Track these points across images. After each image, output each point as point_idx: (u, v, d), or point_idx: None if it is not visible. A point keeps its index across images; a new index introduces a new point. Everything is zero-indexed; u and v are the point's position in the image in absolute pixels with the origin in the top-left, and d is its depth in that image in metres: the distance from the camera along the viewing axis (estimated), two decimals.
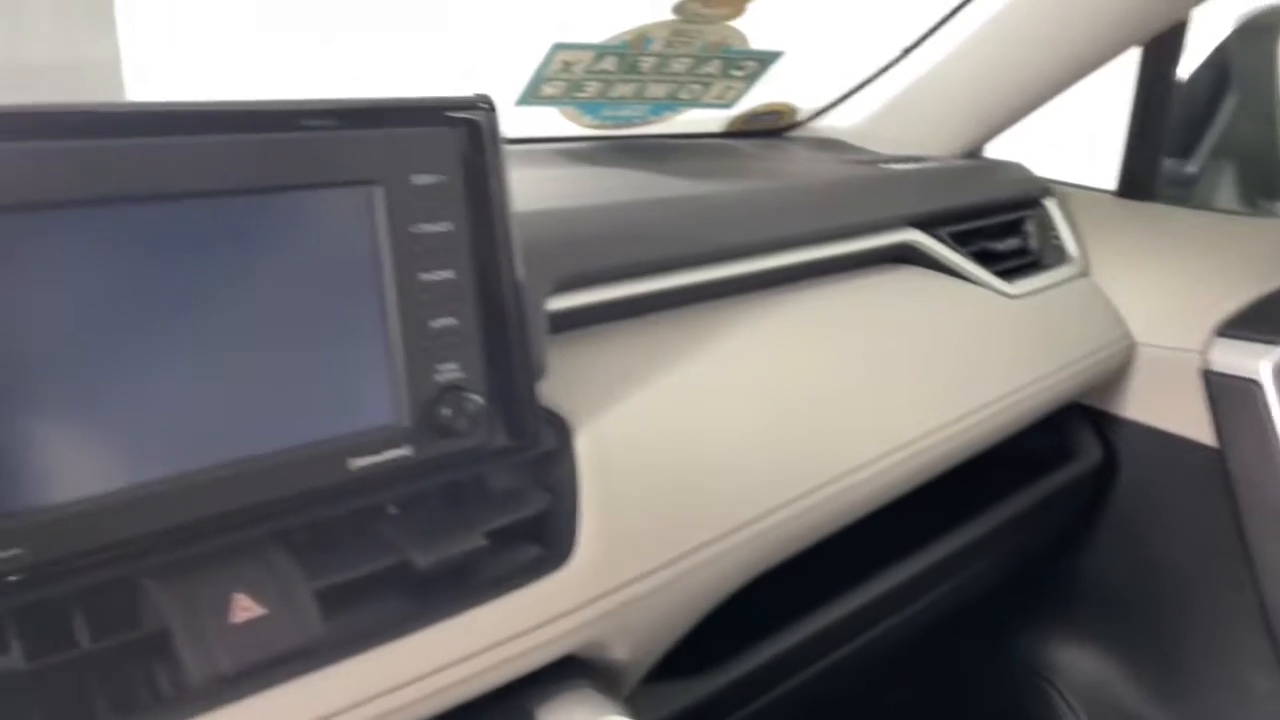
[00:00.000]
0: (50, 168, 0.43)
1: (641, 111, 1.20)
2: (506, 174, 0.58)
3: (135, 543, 0.46)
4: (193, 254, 0.47)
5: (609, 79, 1.11)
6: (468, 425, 0.54)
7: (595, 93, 1.13)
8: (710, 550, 0.65)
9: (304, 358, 0.51)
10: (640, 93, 1.15)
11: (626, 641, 0.61)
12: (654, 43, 1.08)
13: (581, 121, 1.18)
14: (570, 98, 1.12)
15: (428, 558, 0.54)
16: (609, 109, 1.17)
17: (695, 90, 1.19)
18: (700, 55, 1.12)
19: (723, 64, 1.15)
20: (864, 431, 0.79)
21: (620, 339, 0.72)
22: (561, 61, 1.06)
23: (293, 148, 0.50)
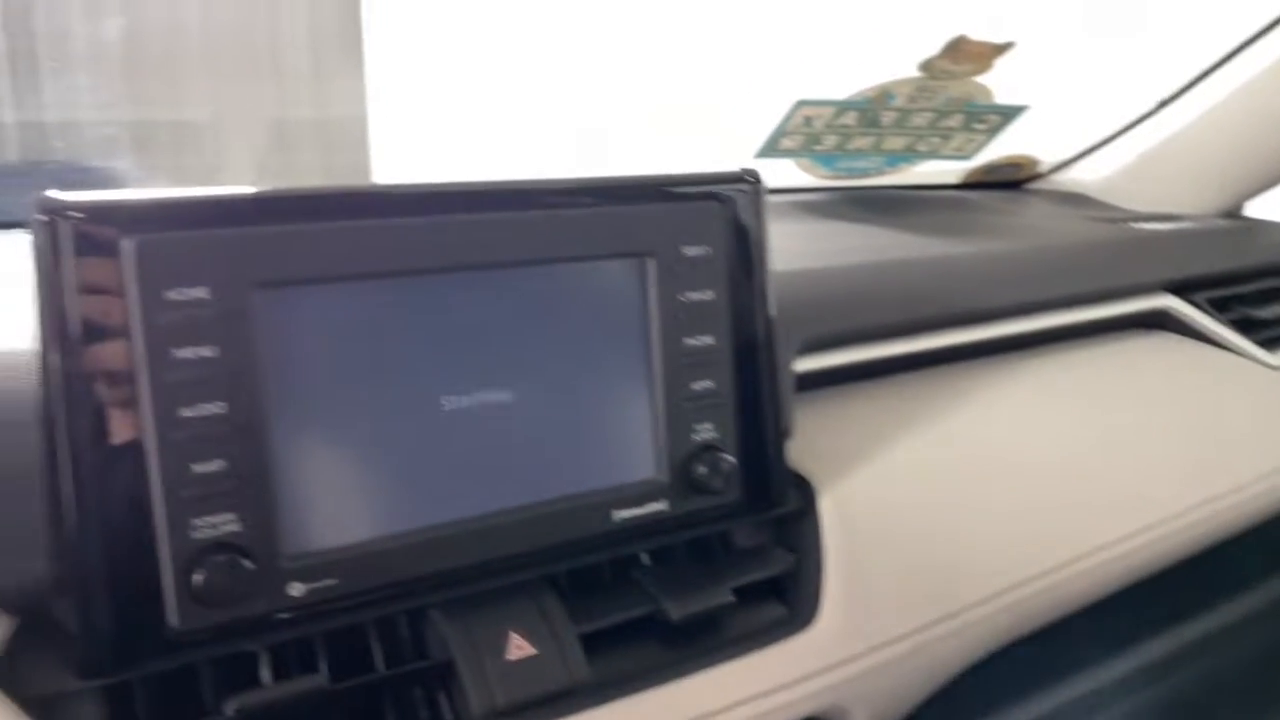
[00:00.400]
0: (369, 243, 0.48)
1: (877, 163, 1.21)
2: (769, 246, 0.60)
3: (426, 579, 0.50)
4: (483, 318, 0.52)
5: (848, 132, 1.12)
6: (722, 484, 0.57)
7: (833, 145, 1.14)
8: (953, 623, 0.65)
9: (578, 414, 0.54)
10: (878, 145, 1.16)
11: (865, 708, 0.61)
12: (897, 98, 1.08)
13: (816, 172, 1.19)
14: (808, 150, 1.14)
15: (681, 610, 0.57)
16: (845, 160, 1.18)
17: (934, 143, 1.18)
18: (943, 109, 1.11)
19: (965, 117, 1.14)
20: (1114, 507, 0.76)
21: (864, 401, 0.73)
22: (803, 116, 1.08)
23: (579, 223, 0.54)
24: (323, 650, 0.50)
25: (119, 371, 0.43)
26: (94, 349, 0.43)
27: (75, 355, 0.42)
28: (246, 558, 0.45)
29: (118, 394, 0.43)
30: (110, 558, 0.43)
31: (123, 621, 0.44)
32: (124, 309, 0.43)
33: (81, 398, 0.42)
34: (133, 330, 0.43)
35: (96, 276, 0.42)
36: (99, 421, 0.43)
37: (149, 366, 0.43)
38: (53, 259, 0.42)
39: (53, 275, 0.42)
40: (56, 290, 0.42)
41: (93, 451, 0.43)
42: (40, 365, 0.43)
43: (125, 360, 0.43)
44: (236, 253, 0.45)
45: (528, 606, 0.54)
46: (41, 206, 0.42)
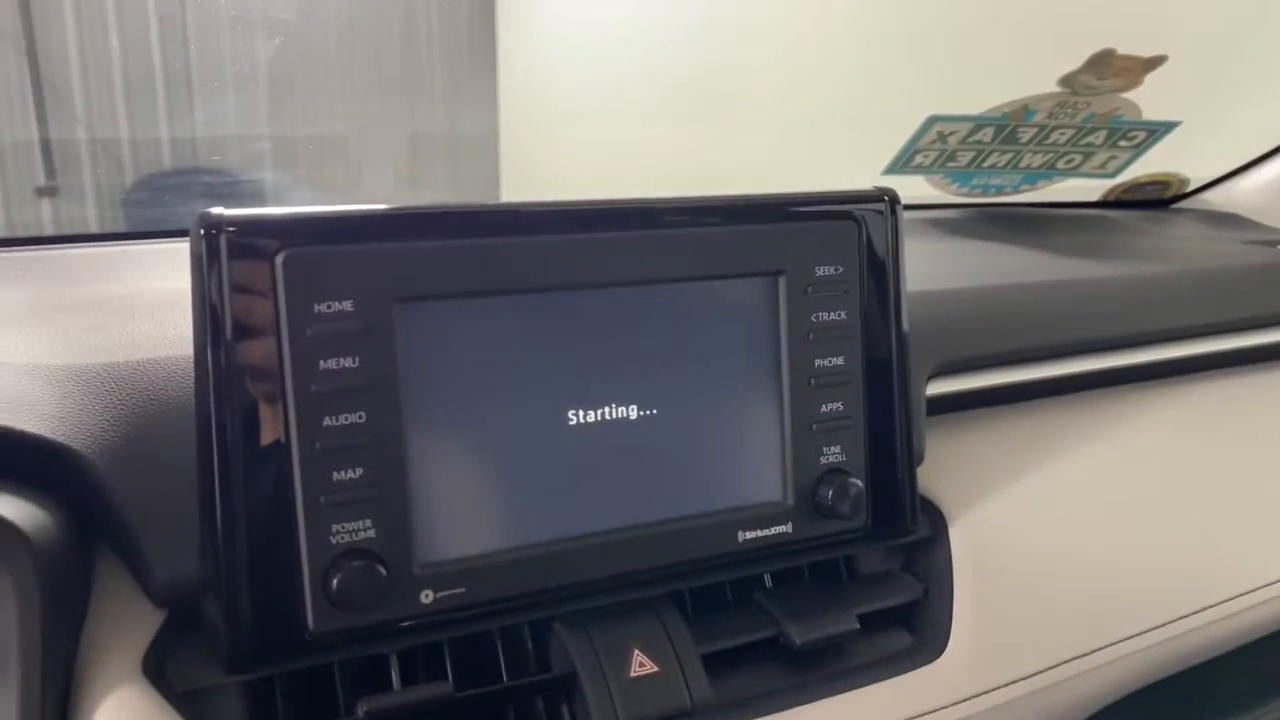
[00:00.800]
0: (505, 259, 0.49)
1: (1014, 181, 1.17)
2: (904, 267, 0.59)
3: (552, 592, 0.51)
4: (614, 335, 0.52)
5: (984, 149, 1.10)
6: (849, 509, 0.56)
7: (967, 162, 1.12)
8: (1087, 662, 0.63)
9: (705, 433, 0.54)
10: (1015, 162, 1.13)
11: None
12: (1036, 114, 1.05)
13: (949, 190, 1.17)
14: (941, 166, 1.11)
15: (805, 635, 0.56)
16: (980, 178, 1.15)
17: (1074, 160, 1.14)
18: (1085, 126, 1.08)
19: (1109, 133, 1.10)
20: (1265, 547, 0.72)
21: (998, 427, 0.71)
22: (936, 133, 1.05)
23: (711, 241, 0.54)
24: (449, 659, 0.51)
25: (268, 380, 0.45)
26: (245, 357, 0.44)
27: (227, 362, 0.44)
28: (381, 564, 0.46)
29: (266, 401, 0.45)
30: (255, 558, 0.45)
31: (265, 620, 0.45)
32: (274, 319, 0.45)
33: (232, 403, 0.44)
34: (282, 340, 0.45)
35: (249, 287, 0.44)
36: (248, 426, 0.45)
37: (295, 375, 0.45)
38: (210, 270, 0.44)
39: (209, 285, 0.44)
40: (212, 299, 0.44)
41: (241, 455, 0.44)
42: (196, 371, 0.45)
43: (274, 369, 0.45)
44: (380, 267, 0.46)
45: (651, 624, 0.54)
46: (201, 221, 0.44)
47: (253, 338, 0.45)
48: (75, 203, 2.15)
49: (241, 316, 0.44)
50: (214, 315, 0.44)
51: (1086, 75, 1.00)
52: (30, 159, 2.07)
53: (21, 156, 2.03)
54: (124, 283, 0.69)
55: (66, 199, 2.03)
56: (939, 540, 0.62)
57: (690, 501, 0.54)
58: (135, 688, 0.45)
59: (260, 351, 0.45)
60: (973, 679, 0.58)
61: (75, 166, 1.92)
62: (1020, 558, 0.63)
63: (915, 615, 0.61)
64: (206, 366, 0.44)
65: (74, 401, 0.48)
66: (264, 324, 0.45)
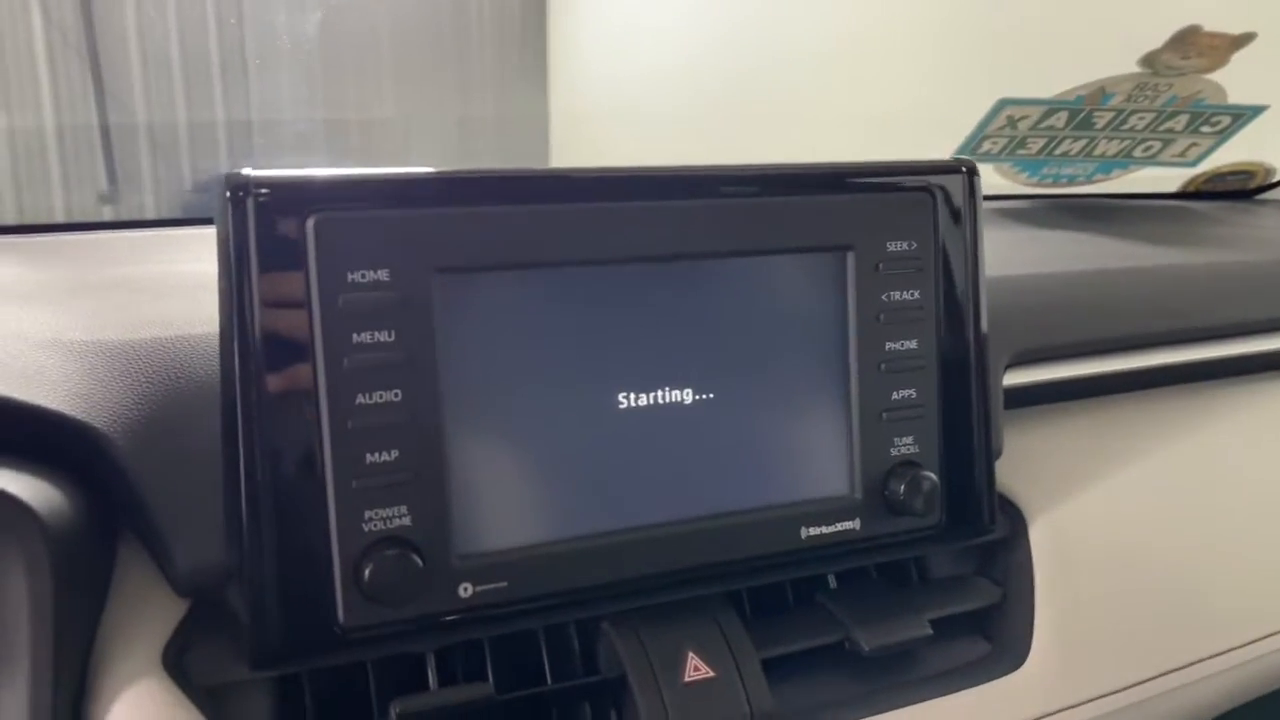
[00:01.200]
0: (554, 229, 0.46)
1: (1087, 170, 1.12)
2: (983, 245, 0.54)
3: (600, 589, 0.47)
4: (669, 313, 0.48)
5: (1056, 135, 1.04)
6: (921, 504, 0.51)
7: (1038, 149, 1.06)
8: (1182, 677, 0.58)
9: (766, 420, 0.50)
10: (1089, 149, 1.07)
11: None
12: (1113, 97, 1.00)
13: (1018, 179, 1.11)
14: (1010, 154, 1.06)
15: (873, 640, 0.52)
16: (1051, 166, 1.10)
17: (1153, 147, 1.08)
18: (1166, 110, 1.02)
19: (1190, 118, 1.04)
20: None
21: (1082, 421, 0.66)
22: (1006, 117, 1.00)
23: (774, 213, 0.49)
24: (489, 658, 0.48)
25: (298, 353, 0.42)
26: (273, 328, 0.41)
27: (254, 334, 0.41)
28: (416, 554, 0.43)
29: (295, 376, 0.42)
30: (283, 546, 0.42)
31: (293, 613, 0.42)
32: (305, 288, 0.41)
33: (258, 378, 0.41)
34: (312, 310, 0.42)
35: (279, 253, 0.41)
36: (275, 403, 0.41)
37: (327, 349, 0.42)
38: (236, 234, 0.41)
39: (236, 250, 0.41)
40: (239, 266, 0.41)
41: (268, 433, 0.41)
42: (221, 343, 0.42)
43: (304, 341, 0.42)
44: (419, 235, 0.43)
45: (707, 625, 0.50)
46: (228, 182, 0.41)
47: (281, 307, 0.41)
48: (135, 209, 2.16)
49: (270, 285, 0.41)
50: (240, 283, 0.41)
51: (1169, 54, 0.95)
52: (93, 165, 2.08)
53: (84, 164, 2.04)
54: (162, 265, 0.66)
55: (127, 204, 2.04)
56: (1018, 541, 0.58)
57: (749, 494, 0.50)
58: (154, 681, 0.42)
59: (289, 322, 0.41)
60: (1056, 692, 0.53)
61: (135, 173, 1.92)
62: (1107, 562, 0.59)
63: (992, 621, 0.57)
64: (232, 339, 0.41)
65: (97, 378, 0.45)
66: (294, 293, 0.41)
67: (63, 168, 1.51)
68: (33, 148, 1.59)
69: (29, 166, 1.50)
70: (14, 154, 1.46)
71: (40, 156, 1.57)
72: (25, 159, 1.54)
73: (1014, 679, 0.53)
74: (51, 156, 1.61)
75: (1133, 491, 0.63)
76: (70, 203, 1.82)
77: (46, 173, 1.53)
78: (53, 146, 1.56)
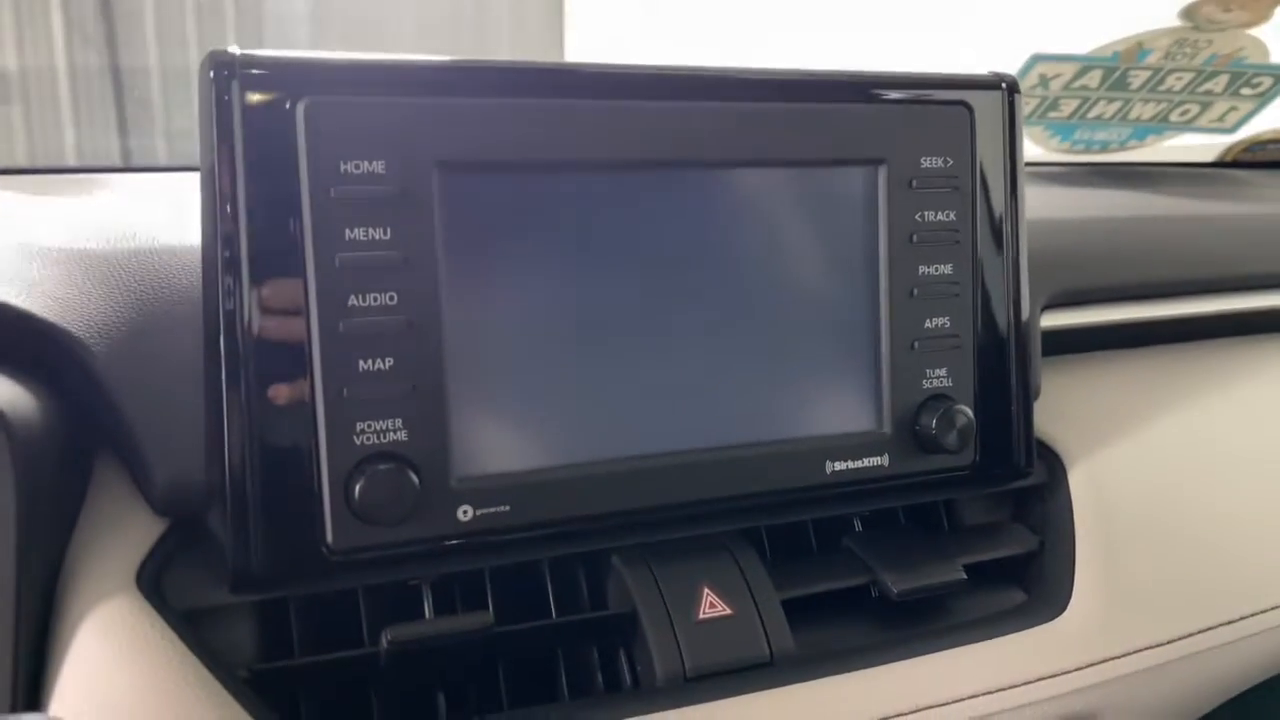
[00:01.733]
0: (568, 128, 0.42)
1: (1121, 135, 1.08)
2: (1022, 165, 0.51)
3: (610, 518, 0.44)
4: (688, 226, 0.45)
5: (1089, 95, 1.00)
6: (955, 441, 0.48)
7: (1070, 112, 1.02)
8: (1232, 631, 0.54)
9: (793, 346, 0.47)
10: (1124, 112, 1.03)
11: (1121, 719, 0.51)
12: (1151, 53, 0.96)
13: (1049, 145, 1.07)
14: (1042, 116, 1.02)
15: (903, 584, 0.48)
16: (1084, 130, 1.06)
17: (1190, 111, 1.04)
18: (1205, 70, 0.98)
19: (1229, 79, 1.00)
20: None
21: (1120, 369, 0.62)
22: (1039, 75, 0.96)
23: (800, 120, 0.46)
24: (491, 588, 0.45)
25: (285, 248, 0.38)
26: (259, 220, 0.38)
27: (238, 227, 0.38)
28: (412, 471, 0.40)
29: (282, 273, 0.38)
30: (267, 460, 0.39)
31: (277, 532, 0.39)
32: (294, 178, 0.38)
33: (242, 275, 0.38)
34: (302, 202, 0.38)
35: (266, 139, 0.38)
36: (260, 303, 0.38)
37: (317, 244, 0.39)
38: (220, 118, 0.38)
39: (219, 136, 0.38)
40: (223, 153, 0.38)
41: (252, 337, 0.38)
42: (202, 237, 0.39)
43: (293, 235, 0.38)
44: (419, 125, 0.40)
45: (724, 561, 0.47)
46: (213, 60, 0.38)
47: (269, 199, 0.38)
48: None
49: (256, 173, 0.38)
50: (224, 172, 0.38)
51: (1211, 6, 0.91)
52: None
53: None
54: (162, 200, 0.63)
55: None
56: (1056, 487, 0.54)
57: (771, 425, 0.47)
58: (126, 600, 0.39)
59: (277, 215, 0.38)
60: (1097, 643, 0.50)
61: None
62: (1152, 510, 0.55)
63: (1029, 570, 0.53)
64: (214, 231, 0.38)
65: (74, 284, 0.42)
66: (282, 183, 0.38)
67: (75, 111, 1.49)
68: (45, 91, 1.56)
69: (41, 111, 1.48)
70: (26, 98, 1.44)
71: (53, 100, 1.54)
72: (38, 103, 1.51)
73: (1052, 628, 0.49)
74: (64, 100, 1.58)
75: (1176, 443, 0.59)
76: (82, 147, 1.79)
77: (58, 117, 1.51)
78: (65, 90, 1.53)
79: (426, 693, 0.44)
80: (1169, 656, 0.52)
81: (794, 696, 0.43)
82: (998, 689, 0.46)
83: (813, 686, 0.44)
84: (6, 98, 1.55)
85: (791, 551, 0.51)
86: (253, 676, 0.40)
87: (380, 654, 0.41)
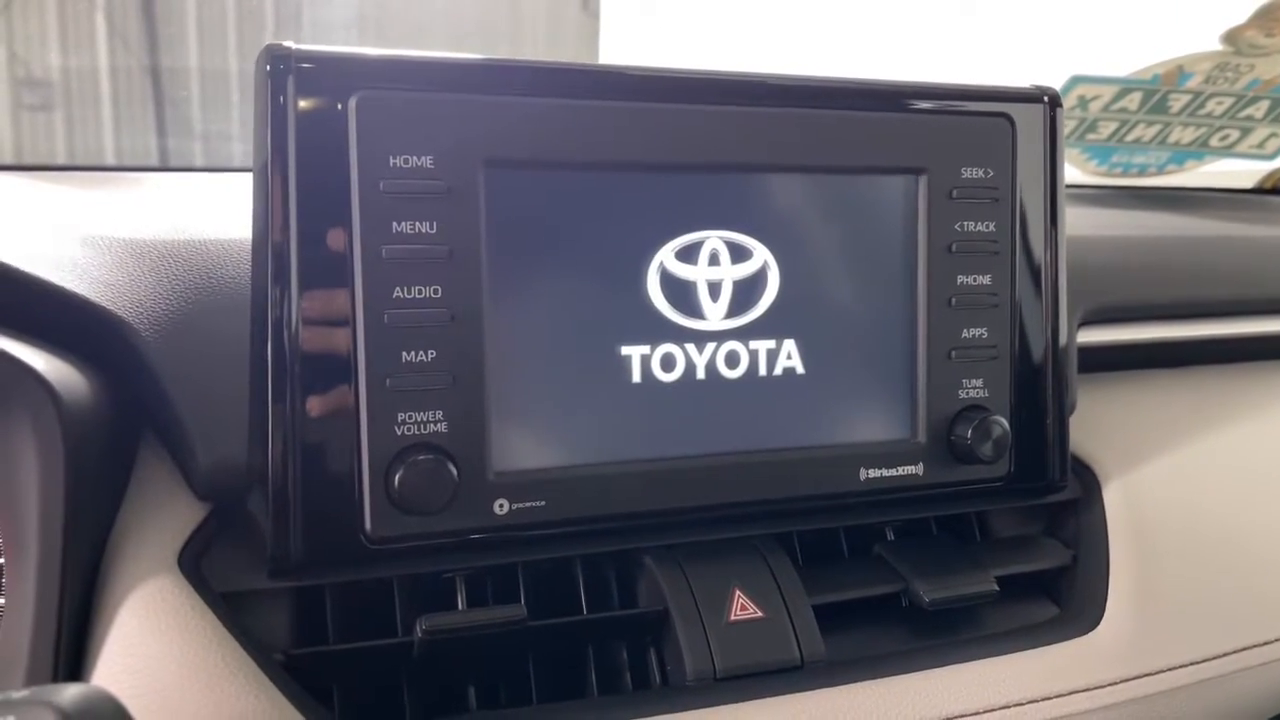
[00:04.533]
0: (617, 128, 0.43)
1: (1160, 159, 1.07)
2: (1062, 179, 0.51)
3: (644, 518, 0.44)
4: (734, 231, 0.45)
5: (1129, 118, 1.00)
6: (991, 451, 0.48)
7: (1109, 135, 1.02)
8: (1269, 651, 0.53)
9: (829, 353, 0.47)
10: (1162, 136, 1.03)
11: None
12: (1192, 77, 0.95)
13: (1086, 168, 1.07)
14: (1080, 138, 1.02)
15: (935, 593, 0.48)
16: (1122, 154, 1.06)
17: (1230, 136, 1.04)
18: (1246, 95, 0.97)
19: (1271, 105, 0.99)
20: None
21: (1159, 390, 0.62)
22: (1078, 96, 0.96)
23: (842, 128, 0.46)
24: (524, 581, 0.45)
25: (333, 238, 0.39)
26: (309, 210, 0.39)
27: (288, 216, 0.39)
28: (451, 463, 0.40)
29: (329, 263, 0.39)
30: (309, 447, 0.39)
31: (317, 519, 0.40)
32: (344, 170, 0.39)
33: (290, 264, 0.39)
34: (351, 194, 0.39)
35: (318, 132, 0.39)
36: (307, 291, 0.39)
37: (365, 235, 0.39)
38: (274, 110, 0.39)
39: (274, 128, 0.39)
40: (276, 144, 0.39)
41: (297, 325, 0.39)
42: (253, 227, 0.40)
43: (341, 227, 0.39)
44: (468, 122, 0.41)
45: (756, 564, 0.47)
46: (269, 54, 0.39)
47: (318, 190, 0.39)
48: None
49: (307, 164, 0.39)
50: (276, 162, 0.39)
51: (1253, 30, 0.91)
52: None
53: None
54: (201, 194, 0.65)
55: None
56: (1091, 502, 0.54)
57: (806, 431, 0.47)
58: (168, 580, 0.39)
59: (326, 205, 0.39)
60: (1129, 659, 0.49)
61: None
62: (1187, 529, 0.55)
63: (1060, 584, 0.53)
64: (265, 220, 0.39)
65: (127, 272, 0.43)
66: (332, 174, 0.39)
67: (115, 111, 1.51)
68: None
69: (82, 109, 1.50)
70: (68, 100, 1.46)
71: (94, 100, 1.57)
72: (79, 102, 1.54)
73: (1085, 643, 0.49)
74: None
75: (1211, 463, 0.59)
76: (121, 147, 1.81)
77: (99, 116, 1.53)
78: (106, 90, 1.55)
79: (458, 684, 0.44)
80: (1202, 676, 0.51)
81: (823, 701, 0.43)
82: (1028, 701, 0.46)
83: (842, 691, 0.44)
84: (49, 104, 1.58)
85: (823, 557, 0.51)
86: (288, 661, 0.41)
87: (414, 644, 0.41)
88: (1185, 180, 1.10)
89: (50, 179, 0.61)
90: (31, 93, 1.53)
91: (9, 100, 1.45)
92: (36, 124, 1.51)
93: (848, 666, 0.45)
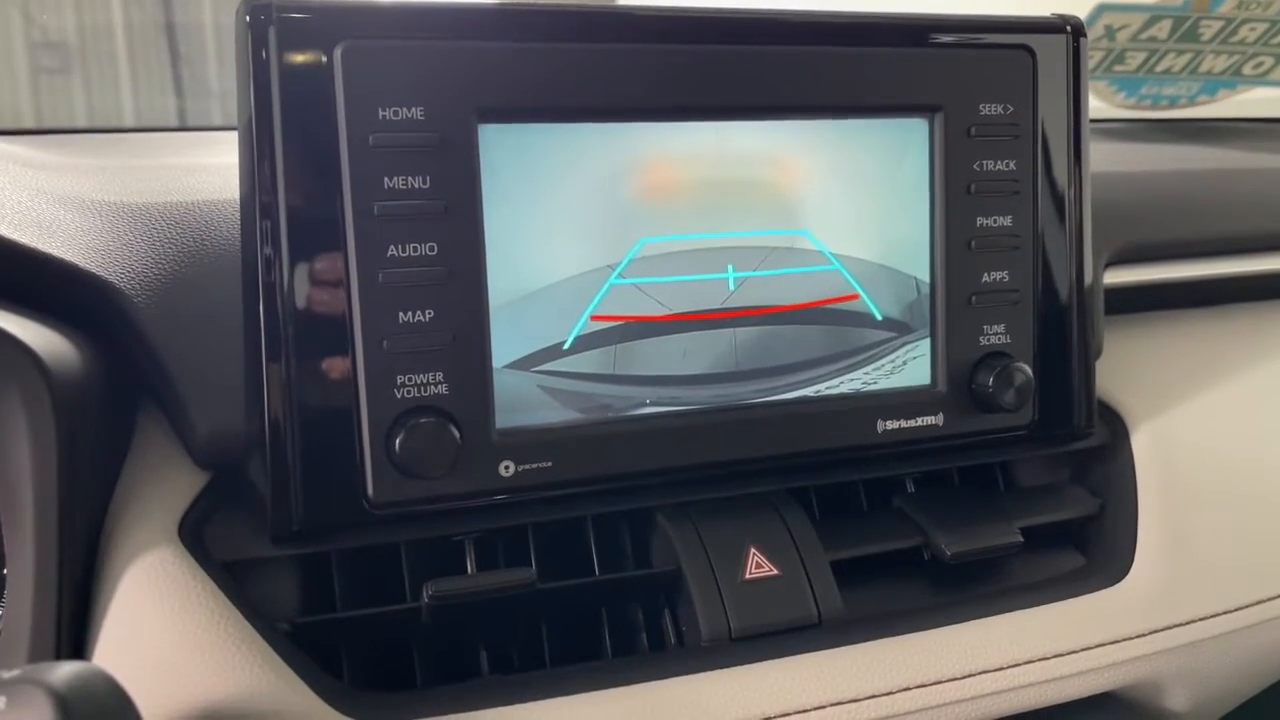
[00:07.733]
0: (618, 73, 0.41)
1: (1191, 89, 1.03)
2: (1086, 114, 0.49)
3: (655, 475, 0.43)
4: (740, 177, 0.44)
5: (1158, 47, 0.96)
6: (1013, 399, 0.46)
7: (1138, 65, 0.99)
8: None
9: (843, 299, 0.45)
10: (1194, 65, 0.99)
11: (1186, 689, 0.49)
12: (1224, 2, 0.92)
13: (1114, 100, 1.03)
14: (1107, 70, 0.99)
15: (956, 546, 0.47)
16: (1151, 85, 1.02)
17: (1264, 63, 1.00)
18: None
19: None
20: None
21: (1188, 331, 0.60)
22: (1104, 25, 0.93)
23: (853, 65, 0.44)
24: (534, 543, 0.44)
25: (323, 196, 0.38)
26: (296, 168, 0.37)
27: (275, 175, 0.37)
28: (453, 425, 0.39)
29: (320, 222, 0.38)
30: (307, 411, 0.38)
31: (317, 485, 0.39)
32: (331, 124, 0.38)
33: (281, 225, 0.37)
34: (340, 149, 0.38)
35: (303, 85, 0.37)
36: (299, 252, 0.38)
37: (355, 192, 0.38)
38: (257, 64, 0.37)
39: (256, 82, 0.37)
40: (259, 99, 0.37)
41: (291, 288, 0.38)
42: (240, 187, 0.39)
43: (330, 183, 0.38)
44: (459, 70, 0.39)
45: (771, 521, 0.45)
46: (249, 6, 0.37)
47: (306, 146, 0.38)
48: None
49: (293, 120, 0.37)
50: (261, 118, 0.37)
51: None
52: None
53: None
54: (211, 155, 0.63)
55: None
56: (1118, 449, 0.52)
57: (821, 382, 0.45)
58: (168, 550, 0.39)
59: (314, 161, 0.38)
60: (1164, 607, 0.48)
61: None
62: (1217, 474, 0.53)
63: (1087, 534, 0.51)
64: (252, 180, 0.38)
65: (117, 236, 0.42)
66: (319, 129, 0.38)
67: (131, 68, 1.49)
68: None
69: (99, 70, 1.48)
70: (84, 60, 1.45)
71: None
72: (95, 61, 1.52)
73: (1113, 594, 0.48)
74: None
75: (1243, 406, 0.57)
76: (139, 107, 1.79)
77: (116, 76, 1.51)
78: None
79: (469, 649, 0.43)
80: (1234, 625, 0.50)
81: (842, 659, 0.42)
82: (1055, 654, 0.45)
83: (862, 649, 0.43)
84: (66, 68, 1.57)
85: (841, 512, 0.50)
86: (294, 629, 0.40)
87: (422, 609, 0.40)
88: (1218, 111, 1.06)
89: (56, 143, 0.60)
90: (49, 55, 1.52)
91: (27, 65, 1.44)
92: (55, 87, 1.50)
93: (867, 624, 0.44)
